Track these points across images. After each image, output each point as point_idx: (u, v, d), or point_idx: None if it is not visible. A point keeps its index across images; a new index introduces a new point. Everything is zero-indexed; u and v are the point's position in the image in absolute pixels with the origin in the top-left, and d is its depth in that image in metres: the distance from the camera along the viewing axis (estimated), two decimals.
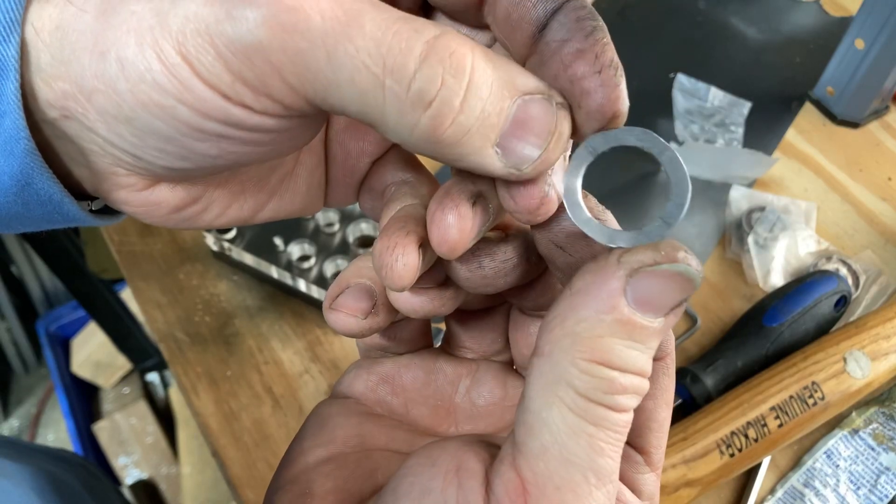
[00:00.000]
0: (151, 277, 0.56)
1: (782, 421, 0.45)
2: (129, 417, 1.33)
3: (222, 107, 0.18)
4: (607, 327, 0.17)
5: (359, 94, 0.17)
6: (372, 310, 0.22)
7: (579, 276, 0.18)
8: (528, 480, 0.17)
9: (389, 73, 0.17)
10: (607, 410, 0.17)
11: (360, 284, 0.23)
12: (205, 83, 0.17)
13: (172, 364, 0.53)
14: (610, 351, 0.17)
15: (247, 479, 0.48)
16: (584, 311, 0.17)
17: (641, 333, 0.17)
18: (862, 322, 0.49)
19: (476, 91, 0.17)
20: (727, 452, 0.44)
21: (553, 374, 0.17)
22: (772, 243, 0.57)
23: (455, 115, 0.17)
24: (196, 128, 0.18)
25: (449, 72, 0.17)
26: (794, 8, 0.77)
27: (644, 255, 0.17)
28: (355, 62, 0.17)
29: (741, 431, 0.45)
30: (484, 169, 0.18)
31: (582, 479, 0.17)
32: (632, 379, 0.17)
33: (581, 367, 0.17)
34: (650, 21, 0.75)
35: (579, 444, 0.17)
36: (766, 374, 0.47)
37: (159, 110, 0.18)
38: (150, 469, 1.30)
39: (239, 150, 0.19)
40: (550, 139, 0.18)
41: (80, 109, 0.18)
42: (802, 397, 0.46)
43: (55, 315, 1.43)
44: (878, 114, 0.67)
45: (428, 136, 0.17)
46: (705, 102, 0.66)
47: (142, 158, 0.19)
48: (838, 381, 0.47)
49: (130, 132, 0.18)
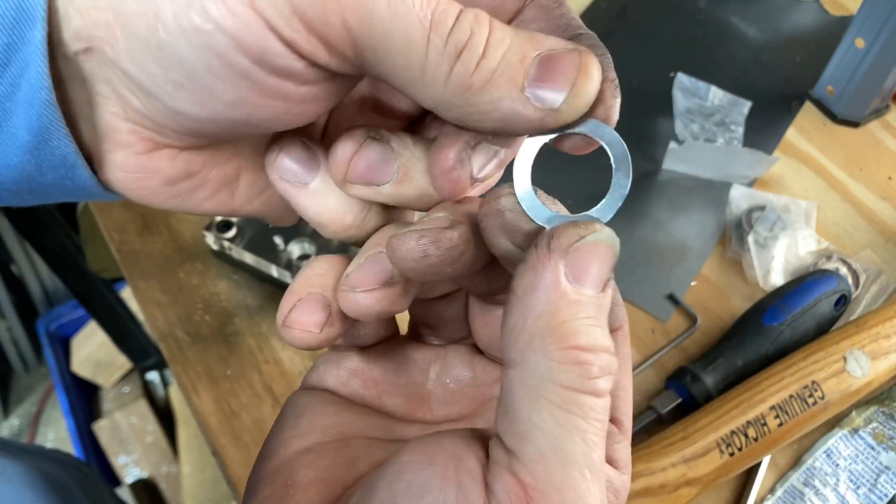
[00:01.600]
0: (151, 276, 0.56)
1: (782, 420, 0.45)
2: (129, 416, 1.33)
3: (265, 40, 0.18)
4: (564, 312, 0.18)
5: (406, 45, 0.19)
6: (327, 321, 0.22)
7: (519, 279, 0.19)
8: (529, 485, 0.18)
9: (434, 26, 0.19)
10: (592, 398, 0.18)
11: (311, 296, 0.22)
12: (259, 15, 0.18)
13: (172, 363, 0.53)
14: (576, 333, 0.18)
15: (246, 478, 0.48)
16: (538, 307, 0.18)
17: (592, 308, 0.18)
18: (862, 321, 0.49)
19: (497, 41, 0.19)
20: (727, 451, 0.44)
21: (534, 378, 0.18)
22: (772, 242, 0.57)
23: (479, 59, 0.19)
24: (226, 61, 0.18)
25: (475, 25, 0.19)
26: (794, 7, 0.77)
27: (567, 235, 0.19)
28: (410, 14, 0.18)
29: (741, 430, 0.45)
30: (519, 115, 0.19)
31: (580, 476, 0.18)
32: (604, 357, 0.18)
33: (558, 357, 0.18)
34: (650, 20, 0.75)
35: (574, 443, 0.18)
36: (766, 373, 0.47)
37: (196, 36, 0.18)
38: (150, 468, 1.31)
39: (254, 101, 0.19)
40: (577, 78, 0.19)
41: (109, 38, 0.18)
42: (802, 396, 0.46)
43: (55, 314, 1.43)
44: (878, 113, 0.67)
45: (459, 82, 0.19)
46: (705, 101, 0.66)
47: (156, 98, 0.19)
48: (838, 380, 0.47)
49: (155, 61, 0.18)
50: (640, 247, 0.59)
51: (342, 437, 0.24)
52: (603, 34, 0.73)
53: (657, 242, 0.59)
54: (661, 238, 0.60)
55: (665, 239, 0.60)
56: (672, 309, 0.56)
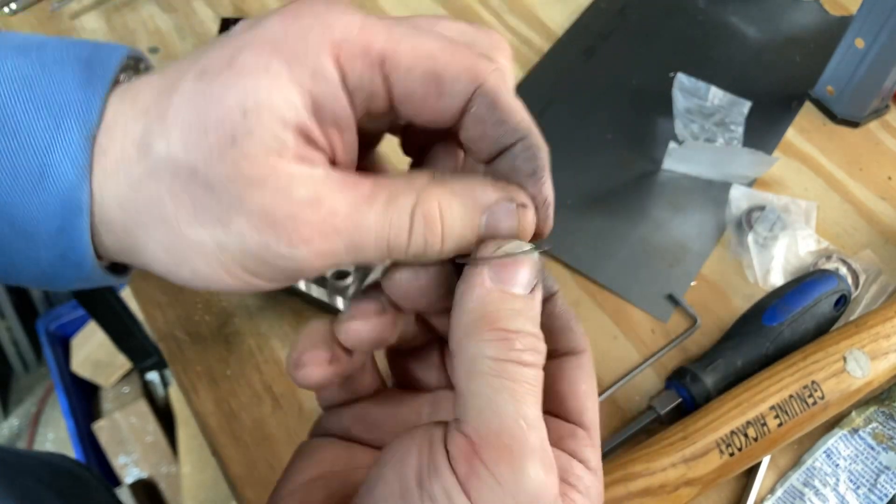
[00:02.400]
0: (151, 276, 0.56)
1: (782, 420, 0.45)
2: (128, 416, 1.33)
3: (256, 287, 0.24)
4: (490, 304, 0.22)
5: (377, 260, 0.24)
6: (331, 357, 0.26)
7: (456, 290, 0.23)
8: (472, 437, 0.21)
9: (391, 251, 0.23)
10: (517, 366, 0.22)
11: (316, 338, 0.27)
12: (256, 285, 0.24)
13: (172, 363, 0.53)
14: (500, 318, 0.22)
15: (247, 478, 0.48)
16: (469, 304, 0.23)
17: (517, 303, 0.23)
18: (862, 321, 0.49)
19: (450, 232, 0.23)
20: (727, 452, 0.44)
21: (469, 358, 0.22)
22: (772, 242, 0.57)
23: (440, 251, 0.24)
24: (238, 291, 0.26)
25: (428, 231, 0.23)
26: (794, 7, 0.77)
27: (488, 247, 0.23)
28: (368, 252, 0.23)
29: (741, 431, 0.45)
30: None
31: (515, 424, 0.21)
32: (527, 339, 0.22)
33: (486, 337, 0.22)
34: (650, 20, 0.75)
35: (504, 398, 0.21)
36: (766, 373, 0.47)
37: (208, 286, 0.24)
38: (149, 468, 1.31)
39: (279, 280, 0.24)
40: (518, 231, 0.24)
41: (135, 256, 0.25)
42: (802, 397, 0.46)
43: (55, 314, 1.43)
44: (878, 113, 0.67)
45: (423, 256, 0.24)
46: (705, 101, 0.66)
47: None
48: (838, 380, 0.47)
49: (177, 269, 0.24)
50: (639, 247, 0.59)
51: (351, 467, 0.27)
52: (603, 34, 0.74)
53: (657, 242, 0.59)
54: (660, 238, 0.60)
55: (665, 239, 0.60)
56: (672, 309, 0.56)
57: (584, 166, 0.64)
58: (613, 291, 0.57)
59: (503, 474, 0.20)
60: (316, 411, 0.51)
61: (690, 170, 0.63)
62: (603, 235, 0.59)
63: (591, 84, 0.70)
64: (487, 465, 0.20)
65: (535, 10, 0.76)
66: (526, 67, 0.71)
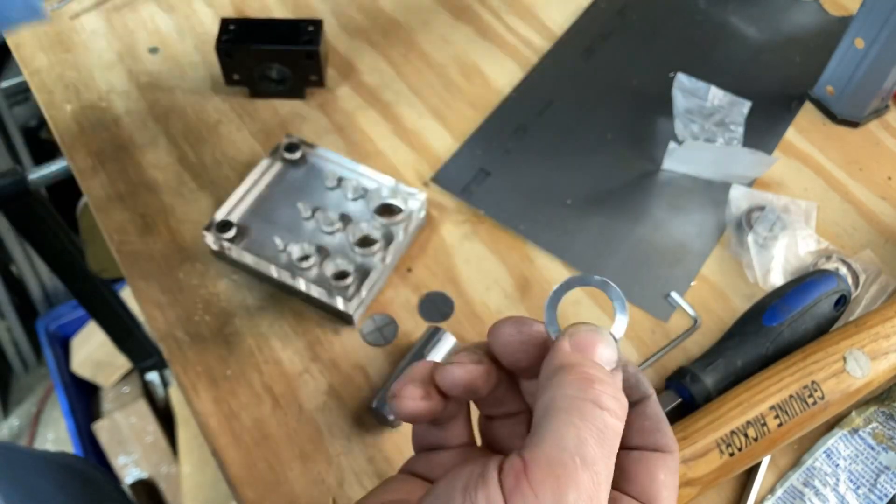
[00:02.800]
0: (151, 277, 0.56)
1: (782, 420, 0.45)
2: (128, 417, 1.33)
3: None
4: (576, 360, 0.24)
5: None
6: (426, 394, 0.28)
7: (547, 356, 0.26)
8: (527, 460, 0.22)
9: None
10: (593, 406, 0.23)
11: (415, 375, 0.29)
12: None
13: (172, 363, 0.53)
14: (584, 365, 0.24)
15: (247, 478, 0.48)
16: (556, 362, 0.25)
17: (600, 371, 0.24)
18: (862, 321, 0.49)
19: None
20: (727, 452, 0.44)
21: (549, 396, 0.23)
22: (772, 242, 0.57)
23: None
24: None
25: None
26: (794, 7, 0.77)
27: (571, 326, 0.26)
28: None
29: (741, 431, 0.45)
30: None
31: (570, 460, 0.21)
32: (607, 386, 0.23)
33: (568, 378, 0.24)
34: (650, 20, 0.75)
35: (569, 434, 0.22)
36: (766, 373, 0.47)
37: None
38: (149, 468, 1.30)
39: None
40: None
41: None
42: (802, 396, 0.46)
43: (55, 314, 1.43)
44: (878, 113, 0.67)
45: None
46: (705, 102, 0.66)
47: None
48: (838, 380, 0.46)
49: None
50: (639, 247, 0.59)
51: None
52: (603, 34, 0.74)
53: (657, 242, 0.59)
54: (660, 238, 0.60)
55: (665, 239, 0.60)
56: (672, 309, 0.56)
57: (584, 166, 0.64)
58: None
59: (545, 495, 0.21)
60: (316, 412, 0.51)
61: (690, 170, 0.63)
62: (603, 235, 0.59)
63: (591, 84, 0.70)
64: (532, 483, 0.21)
65: (535, 10, 0.76)
66: (526, 67, 0.71)
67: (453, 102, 0.68)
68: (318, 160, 0.60)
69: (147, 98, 0.67)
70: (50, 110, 0.67)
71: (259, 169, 0.59)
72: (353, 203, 0.58)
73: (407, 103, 0.68)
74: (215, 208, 0.60)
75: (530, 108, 0.68)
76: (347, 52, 0.71)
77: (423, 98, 0.68)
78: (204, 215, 0.60)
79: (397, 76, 0.70)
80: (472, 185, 0.62)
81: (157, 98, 0.67)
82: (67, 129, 0.65)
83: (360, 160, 0.61)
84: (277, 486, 0.48)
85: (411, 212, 0.57)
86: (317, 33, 0.65)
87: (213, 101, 0.67)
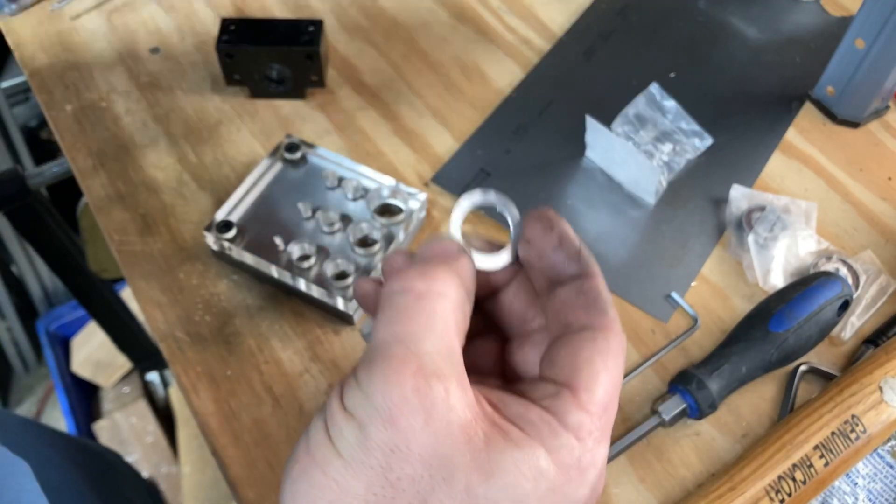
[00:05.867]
0: (151, 277, 0.56)
1: (828, 460, 0.44)
2: (129, 417, 1.33)
3: None
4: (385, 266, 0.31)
5: None
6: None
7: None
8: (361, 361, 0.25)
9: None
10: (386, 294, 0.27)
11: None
12: None
13: (172, 363, 0.53)
14: (385, 264, 0.30)
15: (247, 478, 0.48)
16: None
17: (386, 263, 0.30)
18: (891, 347, 0.48)
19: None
20: (777, 499, 0.43)
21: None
22: (772, 243, 0.57)
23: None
24: None
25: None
26: (794, 7, 0.77)
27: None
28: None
29: (788, 475, 0.44)
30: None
31: (385, 341, 0.25)
32: (393, 277, 0.27)
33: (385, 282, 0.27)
34: (650, 20, 0.75)
35: (378, 324, 0.26)
36: (804, 411, 0.46)
37: None
38: (150, 468, 1.30)
39: None
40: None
41: None
42: (844, 432, 0.45)
43: (55, 314, 1.43)
44: (879, 113, 0.67)
45: None
46: (665, 118, 0.64)
47: None
48: (877, 411, 0.45)
49: None
50: (639, 247, 0.59)
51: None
52: (603, 34, 0.74)
53: (657, 242, 0.59)
54: (660, 238, 0.60)
55: (665, 239, 0.60)
56: (672, 309, 0.56)
57: (583, 166, 0.64)
58: (613, 291, 0.57)
59: (360, 377, 0.24)
60: (316, 412, 0.51)
61: (604, 164, 0.61)
62: (602, 235, 0.59)
63: (591, 84, 0.70)
64: (357, 371, 0.24)
65: (535, 10, 0.76)
66: (526, 67, 0.71)
67: (453, 102, 0.68)
68: (319, 160, 0.60)
69: (147, 98, 0.67)
70: (50, 110, 0.67)
71: (259, 169, 0.59)
72: (353, 203, 0.58)
73: (407, 103, 0.68)
74: (215, 208, 0.60)
75: (530, 108, 0.68)
76: (347, 52, 0.71)
77: (423, 98, 0.68)
78: (204, 215, 0.60)
79: (397, 76, 0.70)
80: (472, 185, 0.62)
81: (158, 98, 0.67)
82: (68, 129, 0.65)
83: (360, 160, 0.61)
84: (277, 486, 0.48)
85: (411, 212, 0.57)
86: (317, 33, 0.65)
87: (214, 101, 0.67)
